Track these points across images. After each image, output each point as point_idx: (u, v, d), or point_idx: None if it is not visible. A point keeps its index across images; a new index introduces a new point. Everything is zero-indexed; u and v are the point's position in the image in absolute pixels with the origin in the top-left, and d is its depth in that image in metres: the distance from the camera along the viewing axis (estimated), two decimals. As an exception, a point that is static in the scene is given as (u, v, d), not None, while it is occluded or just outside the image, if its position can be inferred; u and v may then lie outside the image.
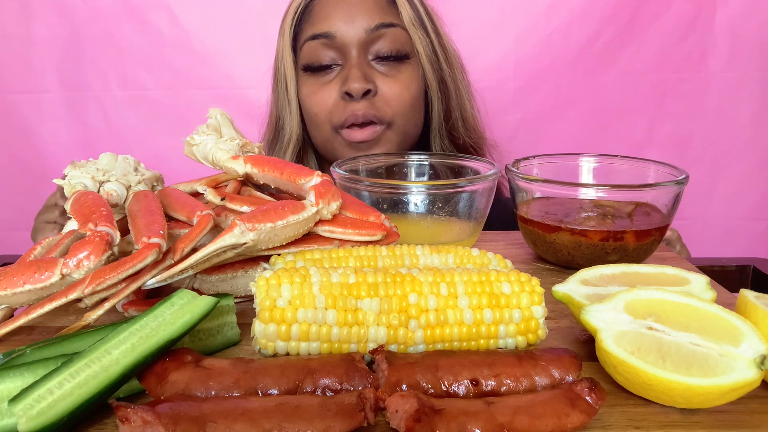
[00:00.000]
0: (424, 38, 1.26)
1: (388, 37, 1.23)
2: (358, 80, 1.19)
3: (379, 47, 1.23)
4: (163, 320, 0.57)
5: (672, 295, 0.61)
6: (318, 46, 1.23)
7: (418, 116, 1.31)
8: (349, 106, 1.21)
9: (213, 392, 0.53)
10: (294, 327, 0.60)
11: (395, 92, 1.23)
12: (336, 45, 1.22)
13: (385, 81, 1.23)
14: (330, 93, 1.23)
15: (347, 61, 1.23)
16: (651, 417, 0.54)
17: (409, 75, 1.26)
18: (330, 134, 1.27)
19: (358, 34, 1.21)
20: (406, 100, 1.25)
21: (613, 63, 1.86)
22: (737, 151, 1.93)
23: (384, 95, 1.23)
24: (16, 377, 0.52)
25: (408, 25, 1.24)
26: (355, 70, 1.20)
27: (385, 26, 1.22)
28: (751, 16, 1.82)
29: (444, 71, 1.30)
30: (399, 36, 1.24)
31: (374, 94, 1.22)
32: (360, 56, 1.22)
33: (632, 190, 0.92)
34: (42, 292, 0.64)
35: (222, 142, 0.86)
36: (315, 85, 1.26)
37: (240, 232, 0.67)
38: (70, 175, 0.80)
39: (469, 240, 0.96)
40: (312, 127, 1.30)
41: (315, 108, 1.25)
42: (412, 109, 1.27)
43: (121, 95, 1.89)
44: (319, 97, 1.25)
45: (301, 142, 1.34)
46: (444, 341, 0.62)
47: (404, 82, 1.25)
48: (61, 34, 1.84)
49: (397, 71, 1.25)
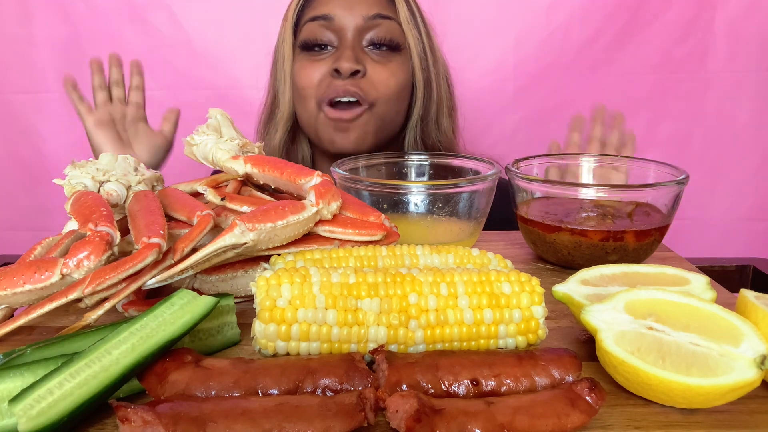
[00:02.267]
0: (416, 37, 1.32)
1: (383, 26, 1.29)
2: (348, 60, 1.24)
3: (374, 34, 1.28)
4: (163, 320, 0.57)
5: (672, 295, 0.61)
6: (316, 27, 1.29)
7: (400, 105, 1.35)
8: (335, 82, 1.26)
9: (213, 392, 0.53)
10: (294, 327, 0.60)
11: (383, 77, 1.28)
12: (333, 27, 1.28)
13: (374, 66, 1.28)
14: (320, 69, 1.28)
15: (342, 43, 1.28)
16: (651, 417, 0.54)
17: (399, 65, 1.32)
18: (314, 111, 1.30)
19: (356, 19, 1.27)
20: (392, 86, 1.30)
21: (613, 63, 1.86)
22: (737, 151, 1.93)
23: (371, 78, 1.28)
24: (16, 377, 0.52)
25: (403, 21, 1.31)
26: (348, 51, 1.26)
27: (383, 17, 1.29)
28: (751, 16, 1.82)
29: (431, 73, 1.36)
30: (394, 28, 1.30)
31: (362, 75, 1.27)
32: (354, 40, 1.28)
33: (632, 190, 0.92)
34: (42, 292, 0.64)
35: (222, 142, 0.86)
36: (307, 62, 1.31)
37: (240, 232, 0.67)
38: (70, 175, 0.80)
39: (469, 240, 0.96)
40: (299, 104, 1.34)
41: (303, 81, 1.30)
42: (396, 96, 1.32)
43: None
44: (308, 71, 1.29)
45: (293, 119, 1.39)
46: (444, 341, 0.62)
47: (393, 70, 1.30)
48: (61, 35, 1.84)
49: (387, 59, 1.30)
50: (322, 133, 1.31)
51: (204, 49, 1.86)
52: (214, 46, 1.86)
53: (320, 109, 1.29)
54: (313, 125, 1.33)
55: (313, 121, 1.32)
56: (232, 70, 1.88)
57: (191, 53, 1.86)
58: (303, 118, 1.35)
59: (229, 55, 1.87)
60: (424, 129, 1.39)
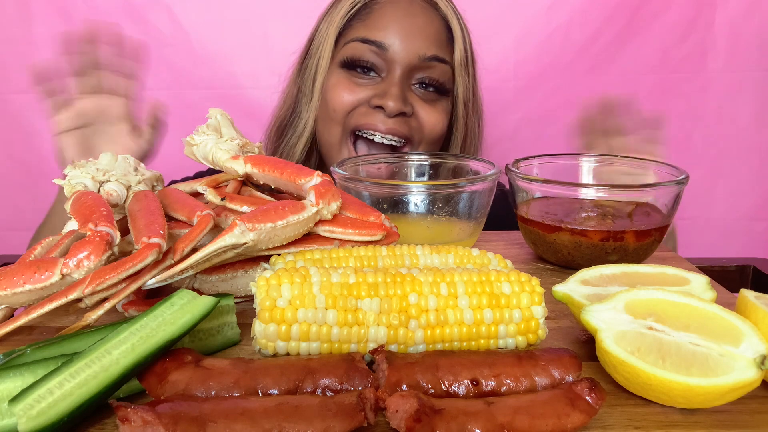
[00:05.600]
0: (465, 83, 1.26)
1: (437, 69, 1.22)
2: (396, 99, 1.16)
3: (425, 75, 1.22)
4: (163, 320, 0.57)
5: (672, 295, 0.61)
6: (366, 50, 1.20)
7: (436, 147, 1.30)
8: (376, 116, 1.18)
9: (213, 392, 0.53)
10: (294, 327, 0.60)
11: (433, 119, 1.23)
12: (385, 57, 1.19)
13: (423, 106, 1.22)
14: (358, 94, 1.20)
15: (390, 76, 1.20)
16: (651, 417, 0.54)
17: (444, 109, 1.26)
18: (339, 138, 1.23)
19: (410, 56, 1.19)
20: (439, 130, 1.25)
21: (613, 63, 1.86)
22: (737, 151, 1.93)
23: (421, 119, 1.22)
24: (16, 377, 0.52)
25: (457, 66, 1.24)
26: (395, 88, 1.17)
27: (438, 60, 1.21)
28: (751, 16, 1.82)
29: (470, 118, 1.31)
30: (446, 72, 1.24)
31: (409, 116, 1.20)
32: (403, 77, 1.20)
33: (632, 190, 0.92)
34: (42, 292, 0.64)
35: (222, 142, 0.86)
36: (345, 81, 1.22)
37: (240, 232, 0.67)
38: (70, 175, 0.80)
39: (469, 240, 0.96)
40: (323, 125, 1.26)
41: (335, 102, 1.21)
42: (439, 140, 1.28)
43: (121, 95, 1.89)
44: (344, 93, 1.20)
45: (311, 141, 1.29)
46: (444, 341, 0.62)
47: (441, 113, 1.25)
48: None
49: (434, 101, 1.24)
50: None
51: (204, 49, 1.86)
52: (214, 46, 1.86)
53: (345, 142, 1.21)
54: (333, 156, 1.24)
55: (334, 152, 1.24)
56: (232, 70, 1.88)
57: (191, 53, 1.86)
58: (324, 140, 1.27)
59: (229, 55, 1.86)
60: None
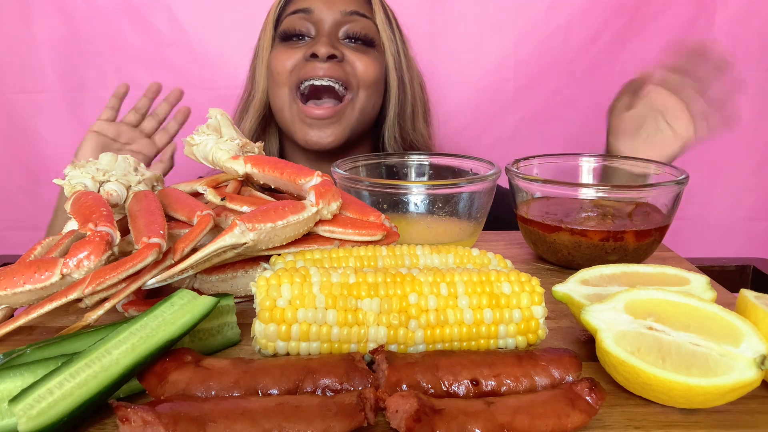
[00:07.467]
0: (391, 38, 1.36)
1: (360, 23, 1.33)
2: (325, 45, 1.26)
3: (349, 28, 1.32)
4: (163, 320, 0.57)
5: (672, 295, 0.61)
6: (296, 19, 1.33)
7: (376, 98, 1.37)
8: (312, 64, 1.27)
9: (213, 392, 0.53)
10: (294, 327, 0.60)
11: (364, 63, 1.31)
12: (312, 19, 1.31)
13: (353, 53, 1.31)
14: (295, 55, 1.31)
15: (319, 33, 1.31)
16: (651, 417, 0.54)
17: (375, 58, 1.34)
18: (288, 99, 1.31)
19: (334, 14, 1.31)
20: (372, 73, 1.32)
21: (613, 63, 1.86)
22: (737, 151, 1.92)
23: (351, 63, 1.30)
24: (16, 377, 0.52)
25: (379, 22, 1.35)
26: (325, 38, 1.28)
27: (360, 15, 1.33)
28: (751, 16, 1.81)
29: (404, 74, 1.39)
30: (370, 27, 1.34)
31: (340, 60, 1.28)
32: (331, 30, 1.31)
33: (632, 190, 0.92)
34: (42, 292, 0.64)
35: (222, 142, 0.86)
36: (283, 49, 1.33)
37: (240, 232, 0.67)
38: (70, 175, 0.80)
39: (469, 240, 0.96)
40: (272, 90, 1.36)
41: (278, 66, 1.32)
42: (375, 85, 1.34)
43: (121, 95, 1.89)
44: (283, 57, 1.31)
45: (266, 107, 1.40)
46: (444, 341, 0.62)
47: (372, 59, 1.33)
48: (61, 35, 1.83)
49: (363, 52, 1.33)
50: (295, 128, 1.32)
51: (204, 49, 1.86)
52: (215, 47, 1.86)
53: (294, 100, 1.30)
54: (287, 118, 1.33)
55: (287, 113, 1.33)
56: (232, 70, 1.88)
57: (191, 53, 1.86)
58: (276, 105, 1.36)
59: (229, 55, 1.86)
60: (402, 126, 1.42)
